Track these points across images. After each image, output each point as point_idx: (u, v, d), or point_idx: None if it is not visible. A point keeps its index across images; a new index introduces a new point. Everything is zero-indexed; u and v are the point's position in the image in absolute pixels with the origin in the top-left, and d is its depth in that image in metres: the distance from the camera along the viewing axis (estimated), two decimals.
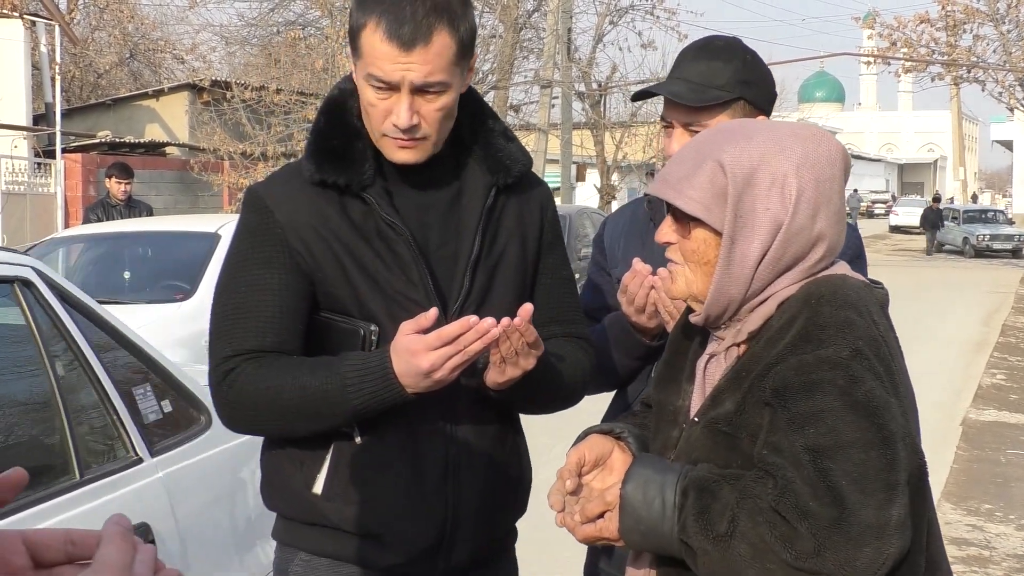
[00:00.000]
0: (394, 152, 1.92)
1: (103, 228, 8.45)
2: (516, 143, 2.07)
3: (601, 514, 1.58)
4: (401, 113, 1.86)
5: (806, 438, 1.44)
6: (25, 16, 17.69)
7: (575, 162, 24.53)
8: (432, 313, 1.78)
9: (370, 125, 1.93)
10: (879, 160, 75.48)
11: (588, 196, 27.47)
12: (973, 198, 64.07)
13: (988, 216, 35.85)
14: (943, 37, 29.57)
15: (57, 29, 18.35)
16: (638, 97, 2.51)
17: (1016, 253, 32.89)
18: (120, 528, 0.84)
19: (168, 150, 19.52)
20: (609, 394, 2.46)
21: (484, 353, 1.81)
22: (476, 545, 2.00)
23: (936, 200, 38.10)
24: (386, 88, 1.86)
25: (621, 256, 2.41)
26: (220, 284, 1.97)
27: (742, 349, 1.61)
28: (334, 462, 1.93)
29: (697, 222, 1.60)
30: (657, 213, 2.34)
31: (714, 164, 1.58)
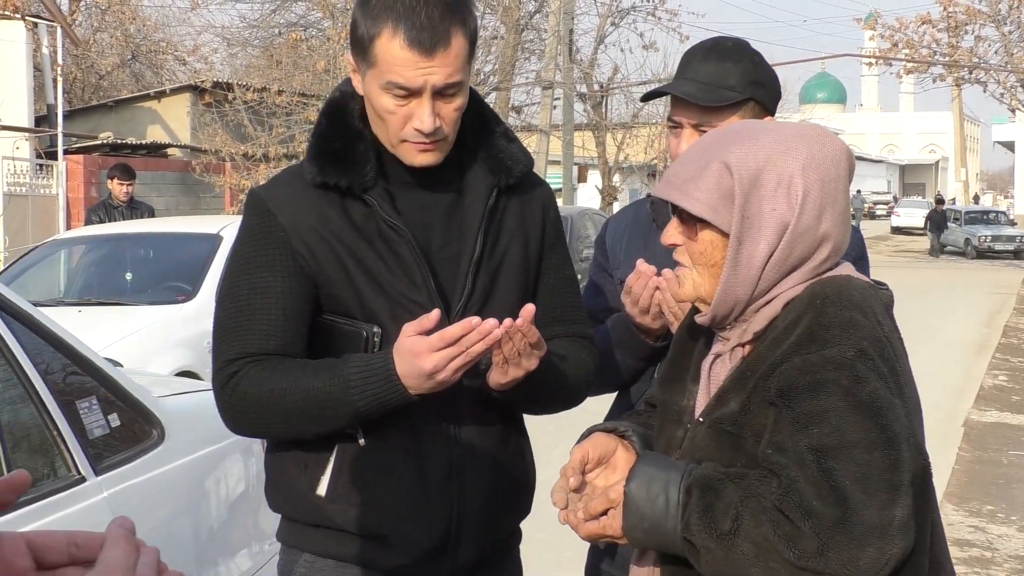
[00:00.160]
0: (415, 156, 1.92)
1: (105, 229, 8.45)
2: (517, 144, 2.07)
3: (604, 512, 1.58)
4: (425, 118, 1.86)
5: (810, 438, 1.44)
6: (27, 18, 17.68)
7: (577, 163, 24.51)
8: (434, 314, 1.78)
9: (385, 132, 1.92)
10: (881, 161, 75.40)
11: (590, 197, 27.48)
12: (975, 199, 64.11)
13: (990, 217, 35.89)
14: (945, 38, 29.57)
15: (59, 30, 18.34)
16: (648, 97, 2.51)
17: (1018, 254, 32.85)
18: (124, 530, 0.84)
19: (170, 151, 19.52)
20: (611, 395, 2.46)
21: (487, 354, 1.81)
22: (480, 546, 2.00)
23: (940, 202, 38.06)
24: (406, 95, 1.86)
25: (623, 257, 2.41)
26: (223, 288, 1.97)
27: (747, 349, 1.61)
28: (338, 464, 1.93)
29: (704, 224, 1.60)
30: (659, 214, 2.34)
31: (720, 165, 1.57)
